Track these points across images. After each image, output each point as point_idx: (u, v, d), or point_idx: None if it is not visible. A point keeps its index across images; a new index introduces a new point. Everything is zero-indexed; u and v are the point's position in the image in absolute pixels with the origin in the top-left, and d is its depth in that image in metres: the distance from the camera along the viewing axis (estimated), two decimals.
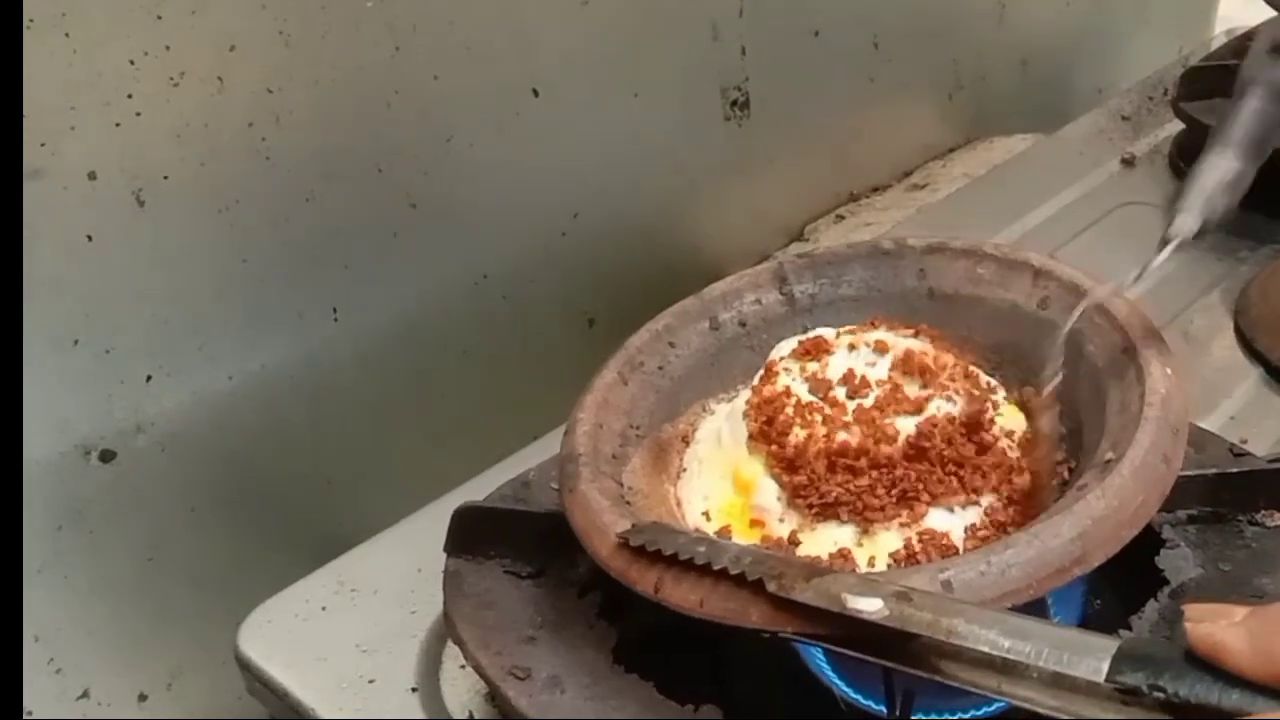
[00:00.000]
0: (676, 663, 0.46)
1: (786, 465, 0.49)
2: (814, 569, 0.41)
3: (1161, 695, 0.34)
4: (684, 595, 0.42)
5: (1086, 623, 0.49)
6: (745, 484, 0.50)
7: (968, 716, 0.46)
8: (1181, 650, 0.34)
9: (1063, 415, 0.51)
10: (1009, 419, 0.51)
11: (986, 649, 0.36)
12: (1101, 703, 0.35)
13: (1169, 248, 0.50)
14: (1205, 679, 0.33)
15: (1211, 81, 0.87)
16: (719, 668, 0.48)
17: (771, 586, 0.40)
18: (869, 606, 0.38)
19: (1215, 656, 0.33)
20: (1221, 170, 0.50)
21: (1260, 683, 0.33)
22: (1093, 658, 0.35)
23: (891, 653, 0.39)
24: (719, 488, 0.51)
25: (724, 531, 0.49)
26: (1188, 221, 0.50)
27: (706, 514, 0.51)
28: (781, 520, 0.49)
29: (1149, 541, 0.51)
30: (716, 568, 0.42)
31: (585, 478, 0.48)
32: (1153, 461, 0.44)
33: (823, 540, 0.47)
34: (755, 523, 0.49)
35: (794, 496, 0.48)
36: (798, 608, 0.40)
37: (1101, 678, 0.34)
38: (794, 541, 0.48)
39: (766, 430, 0.50)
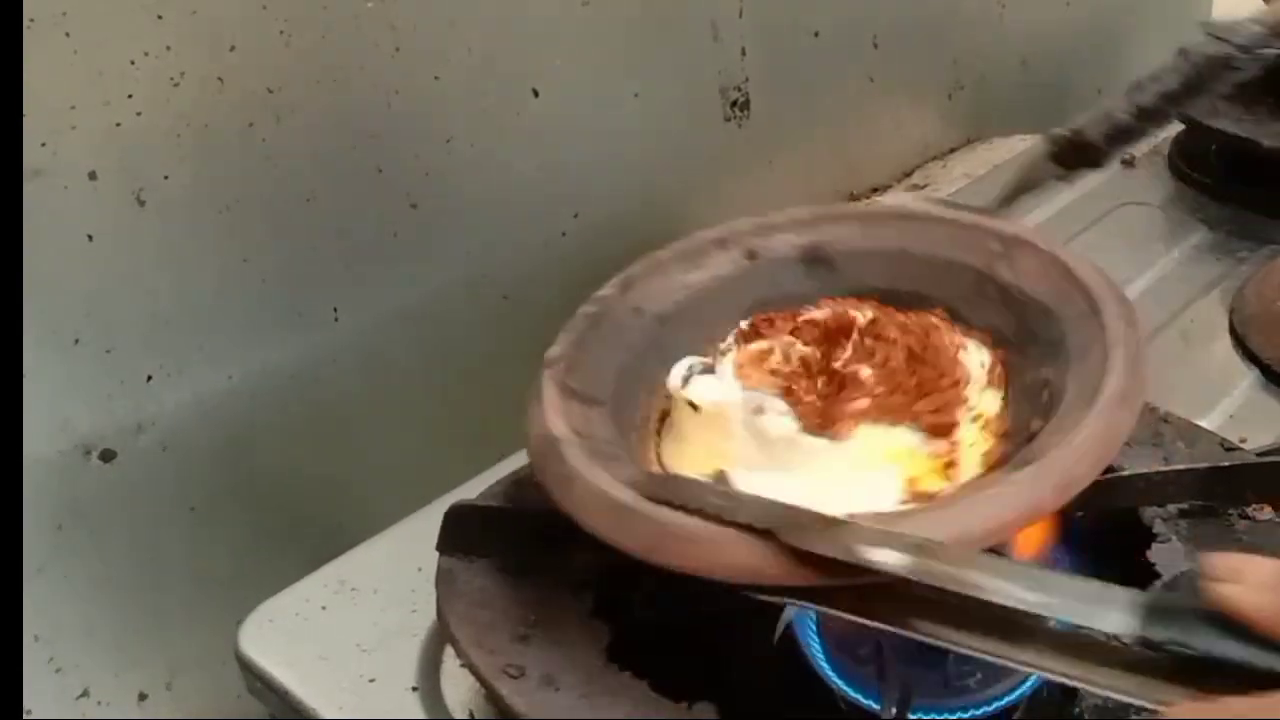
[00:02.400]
0: (670, 660, 0.46)
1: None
2: (828, 520, 0.40)
3: (1190, 652, 0.32)
4: (686, 554, 0.41)
5: None
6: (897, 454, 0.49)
7: (967, 716, 0.46)
8: (1208, 611, 0.33)
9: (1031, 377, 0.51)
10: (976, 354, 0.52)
11: (1012, 603, 0.35)
12: (1121, 667, 0.34)
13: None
14: (1231, 638, 0.32)
15: None
16: (713, 665, 0.48)
17: (790, 538, 0.39)
18: (888, 558, 0.37)
19: (1242, 620, 0.32)
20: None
21: None
22: (1117, 613, 0.34)
23: (886, 616, 0.38)
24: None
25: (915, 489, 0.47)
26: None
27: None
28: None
29: (1141, 536, 0.51)
30: (729, 520, 0.40)
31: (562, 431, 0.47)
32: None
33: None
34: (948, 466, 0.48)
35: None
36: (814, 561, 0.38)
37: (1128, 633, 0.33)
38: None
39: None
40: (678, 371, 0.52)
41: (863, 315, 0.52)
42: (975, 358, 0.52)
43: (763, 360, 0.51)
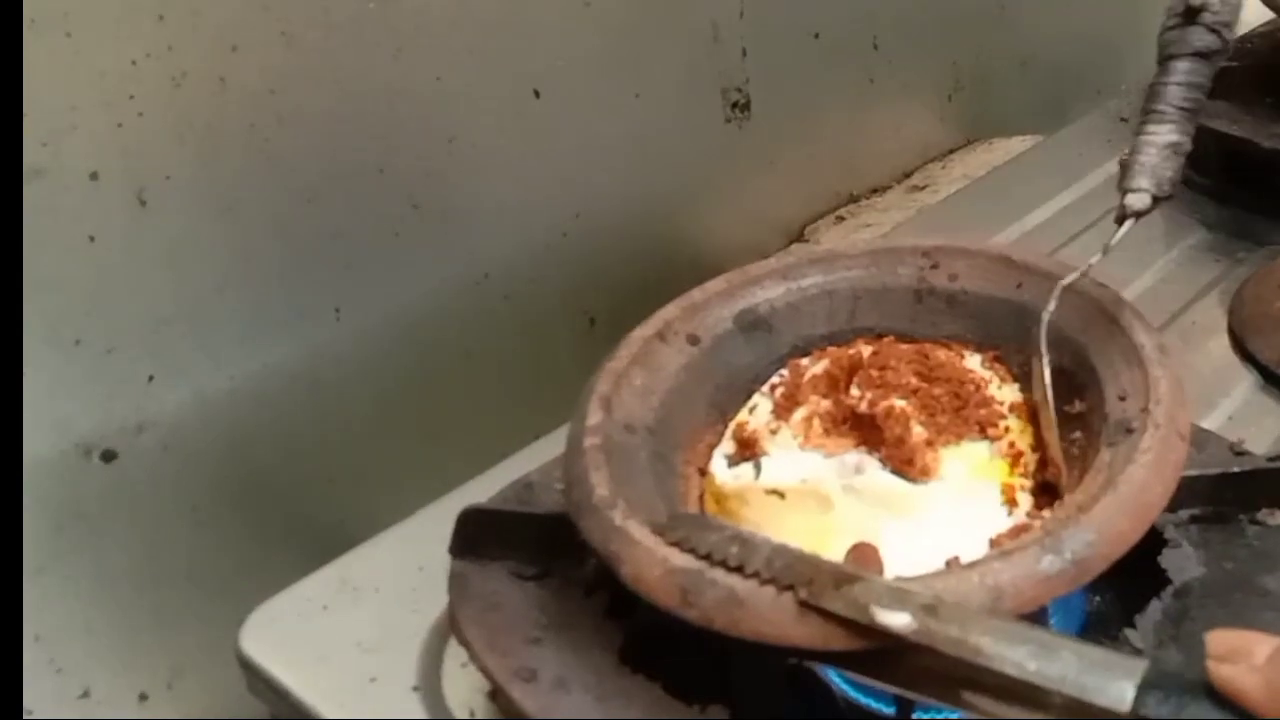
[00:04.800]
0: (683, 663, 0.46)
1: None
2: (844, 574, 0.39)
3: None
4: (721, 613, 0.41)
5: (1090, 622, 0.50)
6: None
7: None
8: (1205, 683, 0.34)
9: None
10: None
11: (1013, 672, 0.35)
12: None
13: (1124, 226, 0.52)
14: (1228, 714, 0.33)
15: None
16: (725, 667, 0.47)
17: (801, 594, 0.39)
18: (897, 621, 0.37)
19: (1236, 700, 0.33)
20: (1161, 141, 0.52)
21: None
22: (1117, 684, 0.34)
23: (906, 677, 0.38)
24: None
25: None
26: (1140, 199, 0.52)
27: None
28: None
29: (1152, 541, 0.51)
30: (748, 572, 0.40)
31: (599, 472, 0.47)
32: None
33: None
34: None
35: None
36: (826, 618, 0.38)
37: (1126, 707, 0.34)
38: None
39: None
40: (722, 469, 0.51)
41: (865, 350, 0.52)
42: (971, 360, 0.53)
43: (809, 426, 0.50)
